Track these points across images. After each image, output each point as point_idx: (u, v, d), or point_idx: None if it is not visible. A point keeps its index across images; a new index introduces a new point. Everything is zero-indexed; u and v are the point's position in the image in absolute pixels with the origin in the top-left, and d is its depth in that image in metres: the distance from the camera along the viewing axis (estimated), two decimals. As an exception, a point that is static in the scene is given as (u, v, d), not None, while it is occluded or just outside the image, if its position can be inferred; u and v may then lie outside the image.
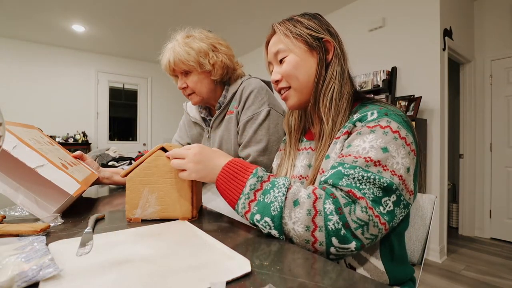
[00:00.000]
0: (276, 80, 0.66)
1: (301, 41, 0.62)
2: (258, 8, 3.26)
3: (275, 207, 0.46)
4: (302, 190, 0.48)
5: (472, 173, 3.01)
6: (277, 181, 0.49)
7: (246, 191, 0.49)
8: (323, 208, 0.44)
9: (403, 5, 2.66)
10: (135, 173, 0.57)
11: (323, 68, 0.61)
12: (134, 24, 3.71)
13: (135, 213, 0.56)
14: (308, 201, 0.45)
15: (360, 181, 0.45)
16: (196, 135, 1.14)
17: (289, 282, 0.31)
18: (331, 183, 0.47)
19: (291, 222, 0.45)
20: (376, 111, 0.52)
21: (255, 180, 0.49)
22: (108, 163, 1.56)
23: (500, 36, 2.87)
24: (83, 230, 0.48)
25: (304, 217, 0.44)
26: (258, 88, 0.97)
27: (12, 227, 0.44)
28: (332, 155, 0.55)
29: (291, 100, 0.66)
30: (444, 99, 2.49)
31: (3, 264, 0.30)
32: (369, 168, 0.46)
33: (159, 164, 0.58)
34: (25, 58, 4.19)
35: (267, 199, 0.47)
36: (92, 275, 0.31)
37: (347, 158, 0.49)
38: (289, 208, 0.45)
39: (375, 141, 0.48)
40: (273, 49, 0.66)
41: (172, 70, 0.98)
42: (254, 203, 0.48)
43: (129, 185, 0.57)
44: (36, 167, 0.54)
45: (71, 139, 4.36)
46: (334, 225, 0.43)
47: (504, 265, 2.29)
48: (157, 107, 5.40)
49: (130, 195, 0.56)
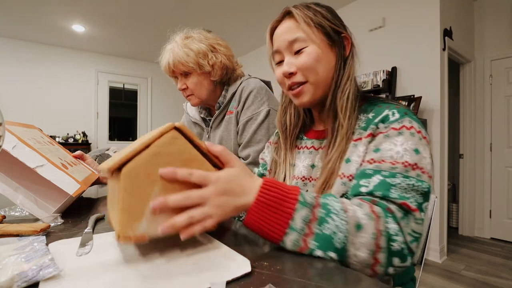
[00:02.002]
0: (290, 73, 0.57)
1: (322, 32, 0.56)
2: (258, 8, 3.26)
3: (340, 239, 0.39)
4: (358, 209, 0.42)
5: (472, 173, 3.01)
6: (330, 205, 0.42)
7: (297, 225, 0.39)
8: (386, 229, 0.40)
9: (403, 5, 2.66)
10: (137, 164, 0.35)
11: (342, 65, 0.58)
12: (134, 24, 3.71)
13: (138, 228, 0.35)
14: (370, 223, 0.40)
15: (406, 190, 0.43)
16: (196, 135, 1.14)
17: (289, 282, 0.31)
18: (380, 195, 0.44)
19: (354, 248, 0.39)
20: (397, 111, 0.50)
21: (307, 210, 0.40)
22: (108, 163, 1.56)
23: (500, 36, 2.87)
24: (83, 230, 0.48)
25: (369, 242, 0.39)
26: (257, 88, 0.97)
27: (12, 227, 0.44)
28: (354, 158, 0.51)
29: (305, 97, 0.59)
30: (444, 99, 2.49)
31: (3, 264, 0.30)
32: (408, 173, 0.44)
33: (173, 151, 0.38)
34: (25, 58, 4.19)
35: (327, 230, 0.39)
36: (92, 275, 0.31)
37: (383, 165, 0.46)
38: (353, 235, 0.39)
39: (406, 143, 0.46)
40: (289, 36, 0.57)
41: (171, 71, 0.97)
42: (311, 238, 0.39)
43: (127, 183, 0.34)
44: (36, 167, 0.54)
45: (71, 139, 4.36)
46: (399, 245, 0.40)
47: (504, 265, 2.29)
48: (157, 107, 5.40)
49: (129, 199, 0.34)
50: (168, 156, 0.37)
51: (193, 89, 0.98)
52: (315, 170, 0.61)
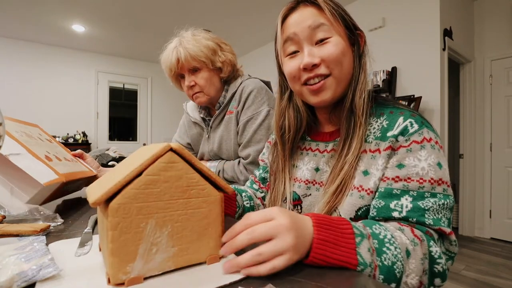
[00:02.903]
0: (314, 64, 0.51)
1: (344, 25, 0.53)
2: (258, 8, 3.26)
3: (399, 268, 0.38)
4: (402, 235, 0.41)
5: (472, 173, 3.01)
6: (380, 234, 0.39)
7: (367, 260, 0.36)
8: (430, 252, 0.41)
9: (403, 5, 2.66)
10: (128, 197, 0.30)
11: (358, 63, 0.55)
12: (134, 24, 3.71)
13: (132, 270, 0.30)
14: (417, 249, 0.40)
15: (438, 211, 0.44)
16: (196, 135, 1.14)
17: (289, 282, 0.31)
18: (415, 221, 0.43)
19: (405, 275, 0.39)
20: (414, 121, 0.48)
21: (367, 242, 0.37)
22: (108, 163, 1.56)
23: (500, 36, 2.87)
24: (83, 230, 0.48)
25: (418, 268, 0.39)
26: (257, 88, 0.97)
27: (12, 227, 0.44)
28: (373, 171, 0.49)
29: (327, 93, 0.53)
30: (444, 99, 2.49)
31: (3, 264, 0.30)
32: (435, 189, 0.45)
33: (170, 177, 0.33)
34: (25, 58, 4.19)
35: (387, 261, 0.37)
36: (91, 275, 0.31)
37: (411, 184, 0.45)
38: (405, 262, 0.39)
39: (429, 158, 0.46)
40: (311, 21, 0.51)
41: (179, 68, 0.96)
42: (378, 272, 0.37)
43: (115, 221, 0.29)
44: (9, 155, 0.53)
45: (71, 139, 4.36)
46: (442, 267, 0.41)
47: (504, 265, 2.29)
48: (157, 107, 5.40)
49: (120, 239, 0.29)
50: (166, 182, 0.32)
51: (202, 86, 0.97)
52: (319, 174, 0.58)
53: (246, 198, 0.69)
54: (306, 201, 0.60)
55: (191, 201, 0.34)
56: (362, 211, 0.49)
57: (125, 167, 0.33)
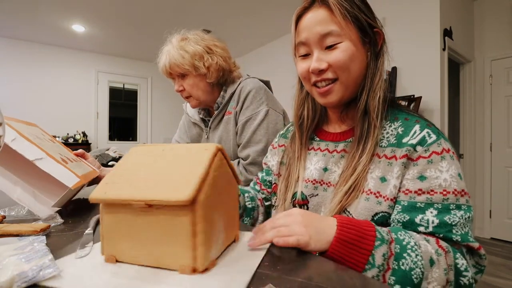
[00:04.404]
0: (320, 70, 0.53)
1: (357, 27, 0.52)
2: (258, 8, 3.26)
3: (417, 274, 0.39)
4: (427, 244, 0.42)
5: (472, 173, 3.01)
6: (404, 240, 0.41)
7: (377, 262, 0.39)
8: (456, 264, 0.42)
9: (403, 5, 2.66)
10: (206, 191, 0.33)
11: (374, 64, 0.54)
12: (134, 24, 3.71)
13: (210, 256, 0.34)
14: (441, 259, 0.41)
15: (464, 225, 0.44)
16: (195, 135, 1.14)
17: (289, 282, 0.31)
18: (443, 237, 0.44)
19: (426, 282, 0.40)
20: (431, 131, 0.49)
21: (386, 247, 0.40)
22: (108, 163, 1.56)
23: (500, 36, 2.87)
24: (84, 230, 0.48)
25: (442, 277, 0.40)
26: (256, 88, 0.97)
27: (12, 227, 0.44)
28: (390, 178, 0.49)
29: (333, 96, 0.54)
30: (444, 99, 2.49)
31: (3, 264, 0.30)
32: (459, 201, 0.45)
33: (223, 173, 0.40)
34: (25, 58, 4.19)
35: (404, 266, 0.39)
36: (91, 276, 0.31)
37: (434, 197, 0.45)
38: (427, 270, 0.40)
39: (451, 169, 0.46)
40: (321, 29, 0.52)
41: (168, 73, 0.98)
42: (389, 273, 0.39)
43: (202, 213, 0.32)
44: (35, 160, 0.54)
45: (71, 139, 4.36)
46: (468, 280, 0.42)
47: (504, 265, 2.29)
48: (157, 107, 5.41)
49: (206, 230, 0.33)
50: (220, 178, 0.38)
51: (189, 91, 0.98)
52: (327, 174, 0.58)
53: (248, 198, 0.69)
54: (313, 201, 0.59)
55: (230, 192, 0.43)
56: (378, 217, 0.49)
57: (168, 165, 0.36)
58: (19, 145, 0.53)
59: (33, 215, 0.57)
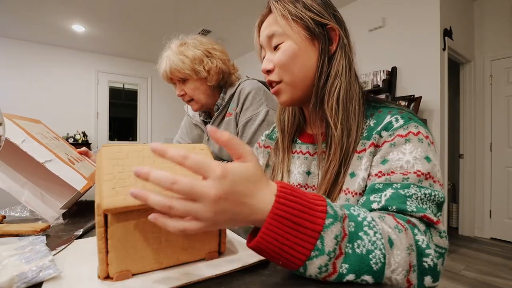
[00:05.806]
0: (268, 70, 0.55)
1: (301, 25, 0.51)
2: (257, 9, 3.25)
3: (377, 258, 0.31)
4: (382, 222, 0.35)
5: (472, 173, 3.01)
6: (359, 216, 0.34)
7: (327, 247, 0.30)
8: (416, 241, 0.34)
9: (403, 5, 2.66)
10: None
11: (326, 61, 0.52)
12: (134, 24, 3.71)
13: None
14: (402, 236, 0.34)
15: (423, 200, 0.39)
16: (197, 136, 1.14)
17: (289, 282, 0.31)
18: (395, 209, 0.38)
19: (390, 270, 0.32)
20: (400, 117, 0.46)
21: (339, 226, 0.31)
22: (108, 163, 1.56)
23: (500, 36, 2.87)
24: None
25: (404, 260, 0.33)
26: (255, 89, 0.97)
27: (12, 227, 0.44)
28: (358, 172, 0.47)
29: (283, 96, 0.55)
30: (444, 99, 2.49)
31: (3, 264, 0.30)
32: (422, 183, 0.40)
33: None
34: (25, 58, 4.19)
35: (360, 248, 0.31)
36: (91, 277, 0.31)
37: (393, 177, 0.41)
38: (388, 253, 0.32)
39: (415, 151, 0.42)
40: (267, 31, 0.55)
41: (169, 78, 0.99)
42: (340, 260, 0.30)
43: None
44: (45, 162, 0.53)
45: (71, 139, 4.36)
46: (432, 261, 0.34)
47: (504, 265, 2.29)
48: (157, 107, 5.40)
49: None
50: None
51: (191, 95, 0.99)
52: (311, 177, 0.57)
53: None
54: None
55: None
56: None
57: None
58: (29, 147, 0.53)
59: (33, 215, 0.57)
